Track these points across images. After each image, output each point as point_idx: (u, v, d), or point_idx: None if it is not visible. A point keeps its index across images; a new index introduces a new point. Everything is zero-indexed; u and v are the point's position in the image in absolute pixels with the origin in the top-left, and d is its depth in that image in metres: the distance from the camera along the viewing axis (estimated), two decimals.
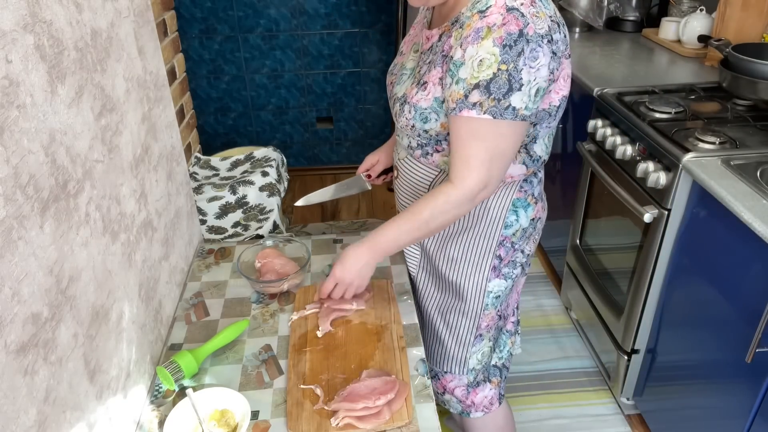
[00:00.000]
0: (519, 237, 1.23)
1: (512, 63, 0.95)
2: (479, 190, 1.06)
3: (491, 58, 0.96)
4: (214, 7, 3.05)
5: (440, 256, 1.27)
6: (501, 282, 1.27)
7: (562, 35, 1.01)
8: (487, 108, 0.98)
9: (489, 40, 0.95)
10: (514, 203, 1.19)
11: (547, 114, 1.08)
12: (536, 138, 1.12)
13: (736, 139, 1.56)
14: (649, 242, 1.67)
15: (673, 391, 1.72)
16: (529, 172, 1.18)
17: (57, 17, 0.87)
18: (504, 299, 1.31)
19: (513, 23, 0.94)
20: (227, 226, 1.72)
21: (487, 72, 0.96)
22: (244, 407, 1.05)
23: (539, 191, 1.24)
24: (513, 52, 0.95)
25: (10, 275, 0.73)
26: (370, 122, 3.50)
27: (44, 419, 0.79)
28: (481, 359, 1.36)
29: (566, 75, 1.07)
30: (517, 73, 0.96)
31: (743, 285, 1.37)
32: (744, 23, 2.02)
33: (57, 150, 0.85)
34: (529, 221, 1.23)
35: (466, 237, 1.23)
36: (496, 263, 1.24)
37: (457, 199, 1.07)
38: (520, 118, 0.99)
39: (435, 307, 1.34)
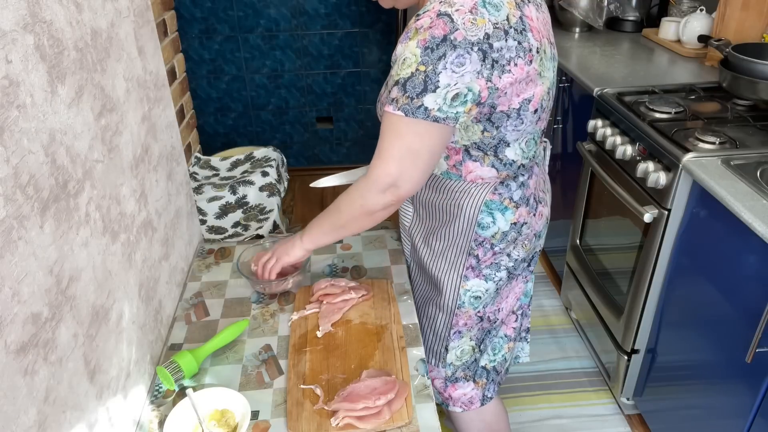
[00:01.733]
0: (500, 240, 1.22)
1: (431, 65, 0.96)
2: (385, 185, 1.06)
3: (412, 58, 0.97)
4: (214, 7, 3.05)
5: (424, 247, 1.31)
6: (480, 282, 1.27)
7: (515, 42, 1.00)
8: (401, 105, 0.99)
9: (414, 41, 0.97)
10: (488, 205, 1.19)
11: (506, 116, 1.06)
12: (506, 141, 1.11)
13: (736, 139, 1.56)
14: (649, 242, 1.67)
15: (673, 391, 1.72)
16: (503, 176, 1.17)
17: (57, 17, 0.87)
18: (487, 301, 1.30)
19: (439, 27, 0.95)
20: (227, 226, 1.72)
21: (406, 71, 0.98)
22: (244, 407, 1.05)
23: (521, 195, 1.21)
24: (434, 55, 0.96)
25: (10, 275, 0.73)
26: (370, 122, 3.50)
27: (44, 419, 0.79)
28: (461, 356, 1.36)
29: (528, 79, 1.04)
30: (435, 76, 0.96)
31: (743, 285, 1.37)
32: (744, 23, 2.02)
33: (57, 150, 0.85)
34: (509, 225, 1.21)
35: (446, 232, 1.25)
36: (473, 263, 1.24)
37: (363, 188, 1.09)
38: (432, 119, 1.00)
39: (421, 298, 1.38)
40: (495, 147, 1.12)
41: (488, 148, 1.12)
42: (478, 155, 1.13)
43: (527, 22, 1.03)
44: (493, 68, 0.98)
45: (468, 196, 1.19)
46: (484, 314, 1.32)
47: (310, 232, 1.28)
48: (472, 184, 1.18)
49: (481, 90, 1.00)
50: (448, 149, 1.14)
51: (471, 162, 1.15)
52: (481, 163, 1.14)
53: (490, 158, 1.14)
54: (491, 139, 1.10)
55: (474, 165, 1.15)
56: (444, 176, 1.19)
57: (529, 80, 1.04)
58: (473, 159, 1.14)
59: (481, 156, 1.13)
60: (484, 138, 1.09)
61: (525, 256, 1.29)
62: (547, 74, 1.09)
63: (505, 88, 1.02)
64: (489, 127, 1.07)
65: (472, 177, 1.17)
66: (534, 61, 1.04)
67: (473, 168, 1.15)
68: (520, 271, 1.31)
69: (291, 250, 1.30)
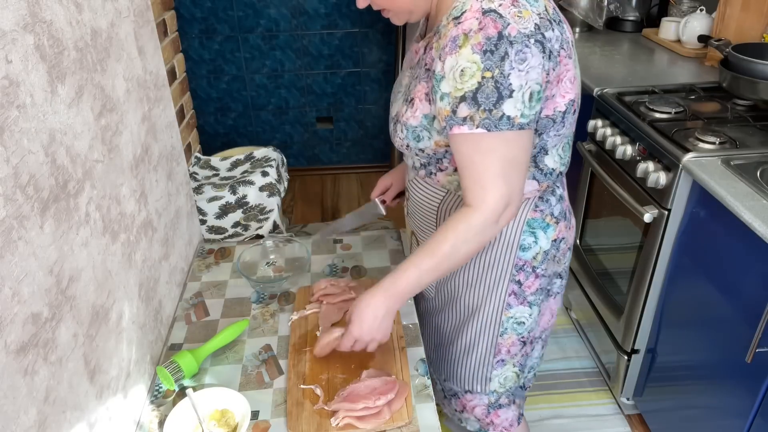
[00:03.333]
0: (541, 260, 1.13)
1: (497, 69, 0.87)
2: (502, 208, 0.95)
3: (473, 67, 0.88)
4: (214, 7, 3.05)
5: (456, 278, 1.20)
6: (524, 309, 1.18)
7: (558, 33, 0.93)
8: (479, 121, 0.90)
9: (467, 48, 0.88)
10: (530, 224, 1.10)
11: (551, 121, 0.98)
12: (546, 149, 1.03)
13: (736, 139, 1.56)
14: (649, 242, 1.67)
15: (673, 391, 1.72)
16: (543, 187, 1.08)
17: (57, 17, 0.87)
18: (531, 327, 1.22)
19: (491, 26, 0.87)
20: (227, 226, 1.72)
21: (470, 82, 0.89)
22: (244, 407, 1.05)
23: (560, 210, 1.13)
24: (495, 56, 0.87)
25: (10, 275, 0.73)
26: (370, 122, 3.50)
27: (44, 419, 0.79)
28: (504, 383, 1.29)
29: (572, 77, 0.98)
30: (505, 79, 0.88)
31: (743, 285, 1.37)
32: (744, 23, 2.01)
33: (57, 150, 0.85)
34: (550, 243, 1.13)
35: (481, 260, 1.14)
36: (516, 288, 1.15)
37: (480, 224, 0.96)
38: (518, 126, 0.91)
39: (453, 328, 1.26)
40: (535, 156, 1.03)
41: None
42: None
43: (559, 13, 0.98)
44: (550, 60, 0.92)
45: None
46: (527, 338, 1.24)
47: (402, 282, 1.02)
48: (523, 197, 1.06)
49: (542, 83, 0.92)
50: None
51: None
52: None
53: (530, 170, 1.05)
54: (532, 149, 1.01)
55: None
56: None
57: (573, 77, 0.98)
58: None
59: None
60: None
61: (560, 271, 1.22)
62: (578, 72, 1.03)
63: (553, 85, 0.95)
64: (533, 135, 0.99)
65: None
66: (573, 57, 0.98)
67: None
68: (557, 288, 1.24)
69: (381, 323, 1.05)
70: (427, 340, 1.33)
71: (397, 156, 3.36)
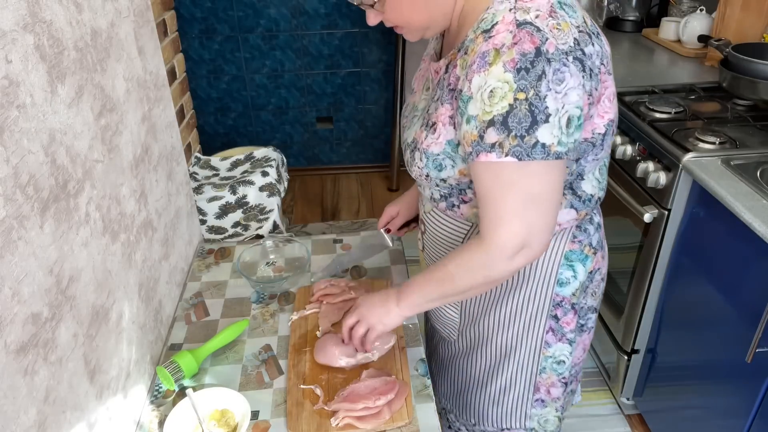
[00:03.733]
0: (579, 295, 1.04)
1: (532, 90, 0.77)
2: (516, 248, 0.86)
3: (504, 87, 0.78)
4: (214, 7, 3.05)
5: (487, 318, 1.10)
6: (564, 347, 1.09)
7: (598, 47, 0.84)
8: (509, 148, 0.79)
9: (498, 65, 0.78)
10: (568, 257, 1.00)
11: (591, 145, 0.88)
12: (582, 174, 0.93)
13: (736, 139, 1.56)
14: (649, 242, 1.67)
15: (673, 391, 1.72)
16: (582, 216, 0.98)
17: (57, 17, 0.87)
18: (570, 366, 1.13)
19: (527, 40, 0.77)
20: (227, 226, 1.72)
21: (501, 104, 0.78)
22: (244, 407, 1.05)
23: (598, 239, 1.03)
24: (531, 75, 0.77)
25: (10, 275, 0.73)
26: (370, 122, 3.50)
27: (44, 419, 0.79)
28: (544, 425, 1.20)
29: (611, 94, 0.88)
30: (541, 102, 0.77)
31: (743, 285, 1.37)
32: (744, 23, 2.01)
33: (57, 150, 0.85)
34: (587, 275, 1.04)
35: (515, 297, 1.05)
36: (554, 325, 1.06)
37: (485, 260, 0.89)
38: (554, 156, 0.80)
39: (485, 370, 1.16)
40: (571, 183, 0.93)
41: (565, 187, 0.92)
42: None
43: (595, 24, 0.88)
44: (591, 78, 0.82)
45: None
46: (568, 379, 1.15)
47: (411, 300, 1.01)
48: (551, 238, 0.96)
49: (585, 108, 0.81)
50: None
51: None
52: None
53: (567, 198, 0.95)
54: (569, 176, 0.91)
55: None
56: None
57: (611, 95, 0.88)
58: None
59: None
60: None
61: (595, 305, 1.12)
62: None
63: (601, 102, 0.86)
64: (568, 162, 0.88)
65: None
66: (611, 71, 0.89)
67: None
68: (591, 323, 1.14)
69: (386, 319, 1.03)
70: (449, 385, 1.24)
71: (398, 156, 3.36)
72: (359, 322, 1.07)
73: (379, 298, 1.06)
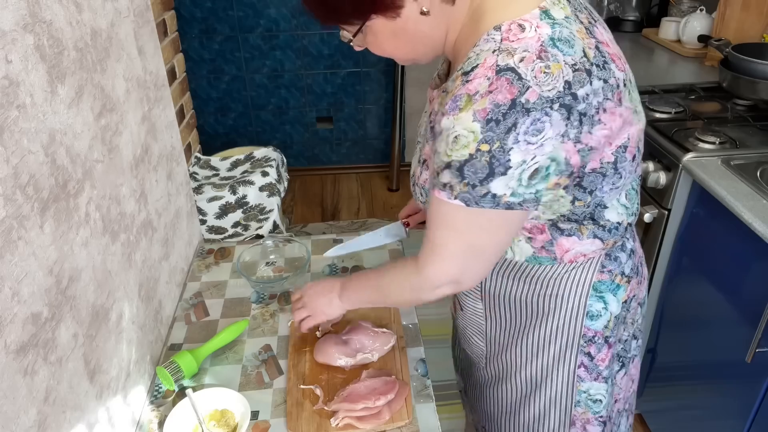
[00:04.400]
0: (613, 328, 0.98)
1: (497, 142, 0.73)
2: (443, 283, 0.89)
3: (469, 136, 0.74)
4: (214, 7, 3.05)
5: (514, 349, 1.05)
6: (600, 386, 1.02)
7: (601, 82, 0.77)
8: (459, 193, 0.77)
9: (468, 113, 0.73)
10: (597, 288, 0.95)
11: (601, 175, 0.83)
12: (603, 204, 0.87)
13: (736, 139, 1.56)
14: (649, 242, 1.67)
15: (673, 391, 1.72)
16: (609, 245, 0.93)
17: (57, 17, 0.87)
18: (608, 403, 1.06)
19: (503, 90, 0.72)
20: (227, 226, 1.72)
21: (461, 152, 0.75)
22: (244, 407, 1.05)
23: (632, 266, 0.98)
24: (501, 128, 0.72)
25: (10, 275, 0.73)
26: (370, 122, 3.50)
27: (44, 419, 0.79)
28: None
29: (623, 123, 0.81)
30: (504, 155, 0.73)
31: (743, 285, 1.37)
32: (744, 23, 2.01)
33: (57, 150, 0.85)
34: (621, 306, 0.98)
35: (542, 329, 1.00)
36: (586, 361, 1.00)
37: (416, 284, 0.92)
38: (504, 206, 0.77)
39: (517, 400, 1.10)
40: (591, 214, 0.88)
41: (583, 218, 0.88)
42: (571, 228, 0.89)
43: (605, 50, 0.80)
44: (581, 124, 0.75)
45: (569, 282, 0.95)
46: (606, 417, 1.07)
47: (350, 296, 1.08)
48: (572, 265, 0.93)
49: (569, 156, 0.76)
50: (528, 228, 0.90)
51: (564, 238, 0.90)
52: (578, 237, 0.90)
53: (588, 228, 0.89)
54: (585, 207, 0.86)
55: (570, 241, 0.90)
56: (531, 262, 0.94)
57: (624, 123, 0.82)
58: (567, 234, 0.89)
59: (577, 228, 0.89)
60: (575, 208, 0.85)
61: (633, 332, 1.07)
62: (639, 108, 0.87)
63: (600, 144, 0.79)
64: (580, 194, 0.83)
65: (570, 256, 0.92)
66: (624, 98, 0.81)
67: (570, 245, 0.91)
68: (633, 350, 1.08)
69: (328, 308, 1.11)
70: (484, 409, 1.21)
71: (398, 156, 3.36)
72: (302, 306, 1.15)
73: (323, 288, 1.12)
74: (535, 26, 0.75)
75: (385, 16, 0.81)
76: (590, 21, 0.82)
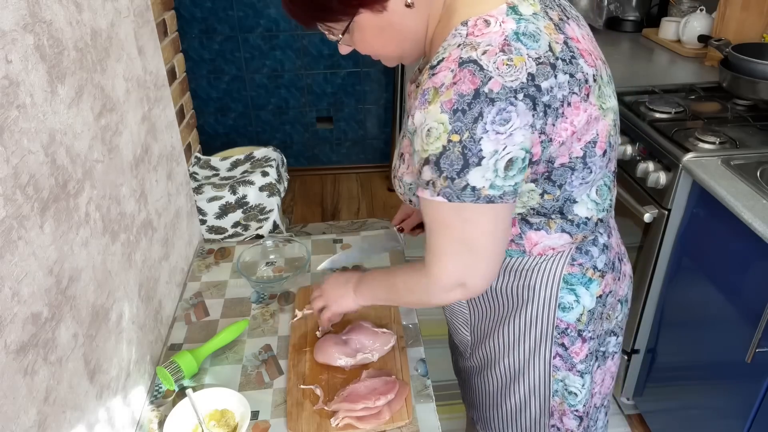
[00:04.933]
0: (587, 321, 1.00)
1: (467, 132, 0.74)
2: (452, 284, 0.88)
3: (439, 128, 0.76)
4: (214, 7, 3.05)
5: (494, 339, 1.08)
6: (575, 379, 1.04)
7: (567, 76, 0.79)
8: (440, 189, 0.79)
9: (436, 105, 0.75)
10: (567, 280, 0.97)
11: (569, 169, 0.85)
12: (572, 198, 0.89)
13: (736, 139, 1.56)
14: (649, 242, 1.67)
15: (673, 391, 1.72)
16: (579, 239, 0.95)
17: (57, 17, 0.87)
18: (585, 399, 1.07)
19: (467, 80, 0.74)
20: (227, 226, 1.72)
21: (435, 145, 0.77)
22: (244, 407, 1.05)
23: (606, 260, 0.99)
24: (467, 117, 0.74)
25: (10, 275, 0.73)
26: (370, 122, 3.50)
27: (44, 419, 0.79)
28: None
29: (588, 119, 0.83)
30: (474, 144, 0.75)
31: (743, 285, 1.37)
32: (744, 23, 2.01)
33: (57, 150, 0.85)
34: (595, 300, 0.99)
35: (518, 319, 1.03)
36: (561, 352, 1.02)
37: (425, 287, 0.92)
38: (485, 199, 0.79)
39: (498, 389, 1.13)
40: (560, 208, 0.90)
41: (552, 212, 0.90)
42: (540, 222, 0.91)
43: (574, 45, 0.82)
44: (546, 115, 0.77)
45: (539, 273, 0.97)
46: (583, 412, 1.09)
47: (364, 292, 1.08)
48: (542, 257, 0.96)
49: (533, 146, 0.79)
50: None
51: (533, 232, 0.93)
52: (546, 231, 0.93)
53: (556, 222, 0.92)
54: (554, 201, 0.88)
55: (538, 235, 0.93)
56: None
57: (590, 119, 0.83)
58: (535, 228, 0.92)
59: (545, 222, 0.91)
60: (544, 202, 0.88)
61: (612, 328, 1.08)
62: (610, 104, 0.88)
63: (562, 137, 0.81)
64: (549, 187, 0.86)
65: (539, 249, 0.95)
66: (592, 93, 0.83)
67: (538, 239, 0.93)
68: (612, 347, 1.10)
69: (342, 301, 1.11)
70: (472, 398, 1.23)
71: None
72: (320, 296, 1.15)
73: (340, 281, 1.13)
74: (500, 21, 0.77)
75: (372, 9, 0.82)
76: (562, 18, 0.84)
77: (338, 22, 0.84)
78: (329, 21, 0.85)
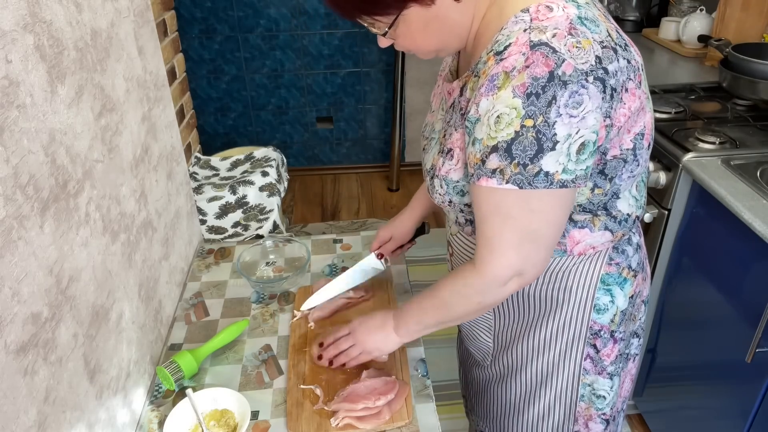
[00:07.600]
0: (619, 322, 0.98)
1: (541, 116, 0.73)
2: (508, 277, 0.85)
3: (511, 113, 0.74)
4: (214, 7, 3.05)
5: (521, 345, 1.05)
6: (605, 381, 1.03)
7: (625, 61, 0.80)
8: (510, 176, 0.77)
9: (507, 90, 0.74)
10: (605, 280, 0.95)
11: (622, 161, 0.84)
12: (618, 193, 0.89)
13: (736, 139, 1.57)
14: (649, 242, 1.67)
15: (673, 391, 1.72)
16: (618, 237, 0.94)
17: (57, 17, 0.87)
18: (613, 401, 1.06)
19: (541, 63, 0.73)
20: (227, 226, 1.72)
21: (507, 131, 0.75)
22: (244, 407, 1.05)
23: (638, 260, 0.98)
24: (541, 101, 0.73)
25: (10, 275, 0.73)
26: (370, 122, 3.50)
27: (44, 419, 0.79)
28: None
29: (640, 107, 0.84)
30: (549, 129, 0.74)
31: (743, 285, 1.37)
32: (744, 23, 2.01)
33: (57, 150, 0.85)
34: (627, 300, 0.98)
35: (550, 323, 1.00)
36: (592, 353, 1.00)
37: (480, 286, 0.88)
38: (558, 184, 0.77)
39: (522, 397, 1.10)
40: (605, 204, 0.89)
41: (598, 207, 0.89)
42: (585, 219, 0.90)
43: (624, 35, 0.84)
44: (612, 99, 0.77)
45: (578, 275, 0.95)
46: (610, 416, 1.08)
47: (409, 328, 1.02)
48: (581, 257, 0.94)
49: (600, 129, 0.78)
50: None
51: (577, 230, 0.91)
52: (590, 229, 0.91)
53: (601, 219, 0.90)
54: (603, 196, 0.87)
55: (582, 233, 0.91)
56: None
57: (641, 108, 0.84)
58: (579, 225, 0.90)
59: (590, 219, 0.89)
60: (593, 197, 0.86)
61: (635, 329, 1.06)
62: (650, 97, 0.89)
63: (620, 122, 0.80)
64: (601, 181, 0.85)
65: (580, 249, 0.93)
66: (642, 82, 0.84)
67: (581, 237, 0.91)
68: (634, 349, 1.08)
69: (383, 345, 1.05)
70: (486, 410, 1.20)
71: (397, 156, 3.36)
72: (354, 345, 1.09)
73: (376, 323, 1.06)
74: (562, 7, 0.77)
75: (421, 3, 0.81)
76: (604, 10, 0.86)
77: (386, 15, 0.83)
78: (377, 14, 0.83)
